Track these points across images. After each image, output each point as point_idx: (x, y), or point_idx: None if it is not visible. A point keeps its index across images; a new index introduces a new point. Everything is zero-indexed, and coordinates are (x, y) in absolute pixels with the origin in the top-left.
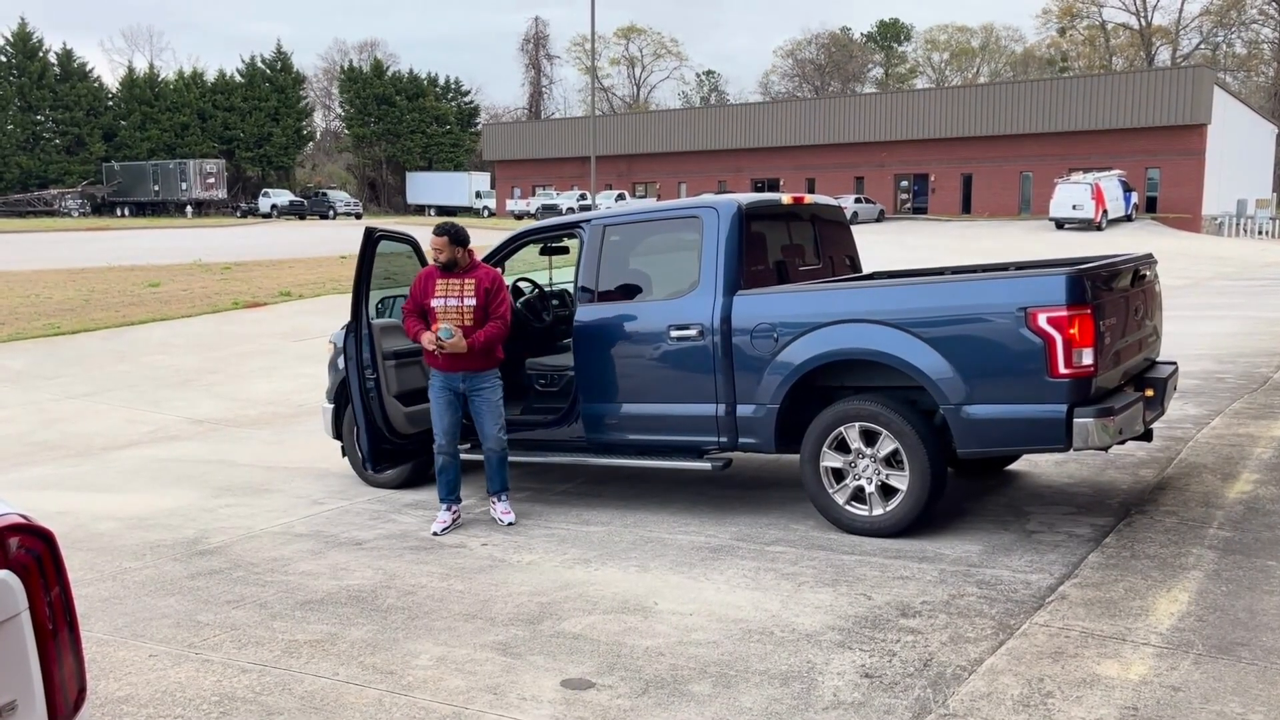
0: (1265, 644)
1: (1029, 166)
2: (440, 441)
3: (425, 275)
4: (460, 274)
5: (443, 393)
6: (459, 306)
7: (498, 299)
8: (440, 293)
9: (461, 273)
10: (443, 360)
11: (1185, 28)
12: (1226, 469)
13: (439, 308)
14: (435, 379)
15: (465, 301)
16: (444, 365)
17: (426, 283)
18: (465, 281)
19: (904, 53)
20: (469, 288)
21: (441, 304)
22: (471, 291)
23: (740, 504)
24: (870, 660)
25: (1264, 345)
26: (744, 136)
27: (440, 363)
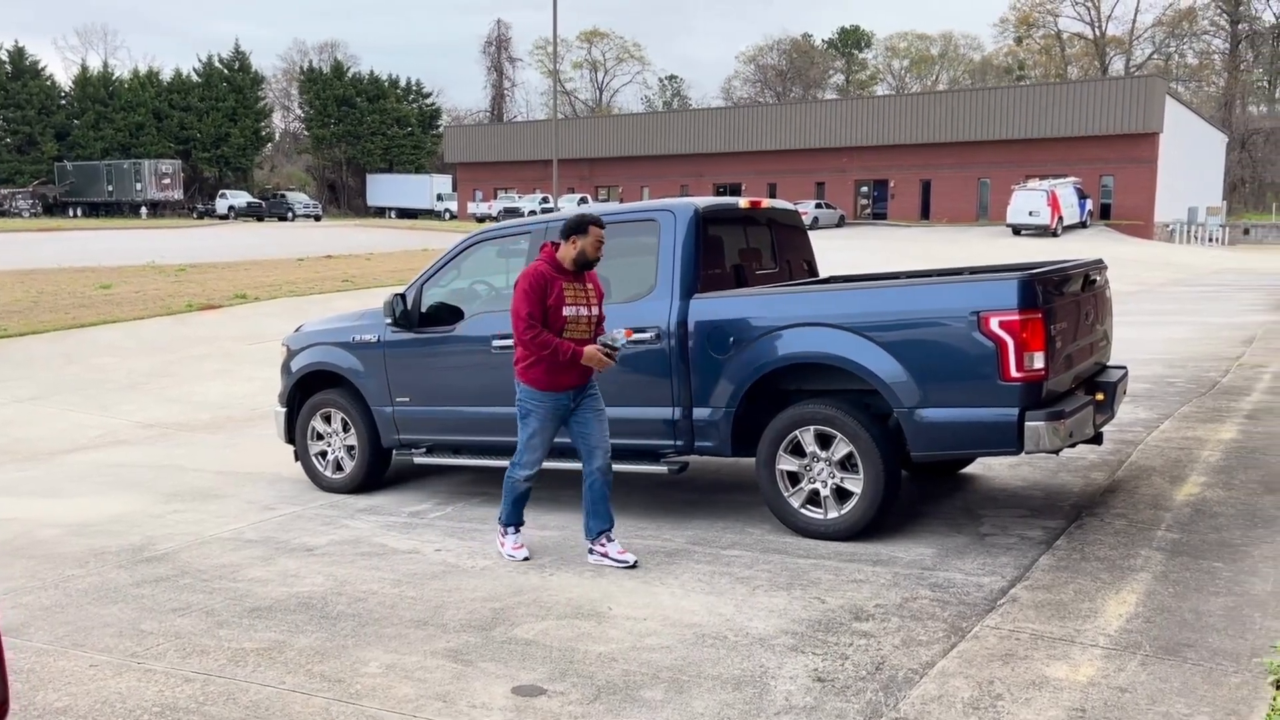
0: (1211, 645)
1: (987, 173)
2: (531, 470)
3: (544, 276)
4: (581, 277)
5: (553, 417)
6: (588, 317)
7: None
8: (571, 299)
9: (582, 276)
10: (551, 377)
11: (1138, 38)
12: (1175, 472)
13: (571, 318)
14: (542, 401)
15: (592, 310)
16: (554, 383)
17: (551, 286)
18: (588, 288)
19: (865, 59)
20: (592, 294)
21: (574, 313)
22: (594, 298)
23: (696, 508)
24: (823, 664)
25: (1213, 350)
26: (706, 141)
27: (548, 380)
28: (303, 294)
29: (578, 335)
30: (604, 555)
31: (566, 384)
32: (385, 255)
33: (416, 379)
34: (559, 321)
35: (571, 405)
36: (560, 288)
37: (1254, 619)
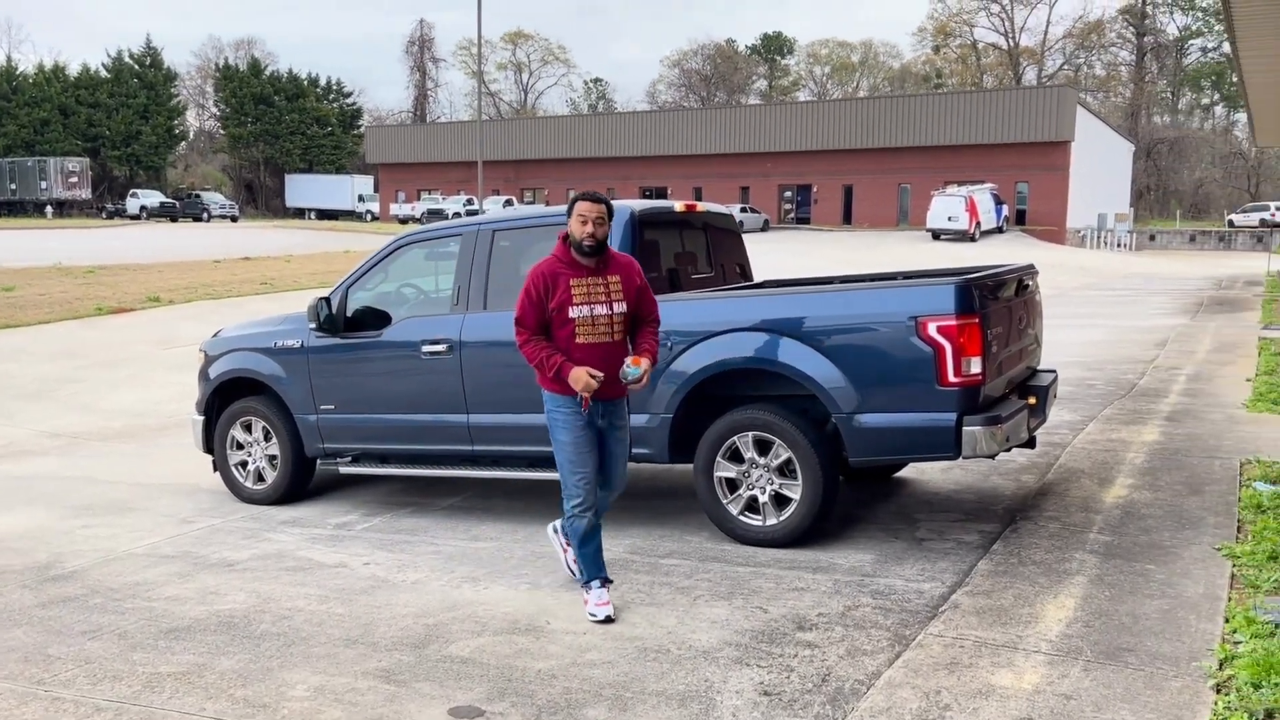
0: (1150, 649)
1: (906, 179)
2: (581, 497)
3: (548, 273)
4: (600, 268)
5: (585, 430)
6: (608, 316)
7: (648, 297)
8: (581, 297)
9: (602, 267)
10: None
11: (1050, 49)
12: (1103, 474)
13: (582, 319)
14: (564, 405)
15: (615, 308)
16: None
17: (554, 283)
18: (610, 280)
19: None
20: (615, 287)
21: (586, 313)
22: (619, 292)
23: (634, 516)
24: (768, 677)
25: (1129, 353)
26: (632, 145)
27: (566, 385)
28: (219, 297)
29: (595, 337)
30: (565, 550)
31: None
32: (305, 257)
33: (342, 386)
34: (565, 325)
35: (601, 423)
36: (567, 285)
37: (1189, 621)
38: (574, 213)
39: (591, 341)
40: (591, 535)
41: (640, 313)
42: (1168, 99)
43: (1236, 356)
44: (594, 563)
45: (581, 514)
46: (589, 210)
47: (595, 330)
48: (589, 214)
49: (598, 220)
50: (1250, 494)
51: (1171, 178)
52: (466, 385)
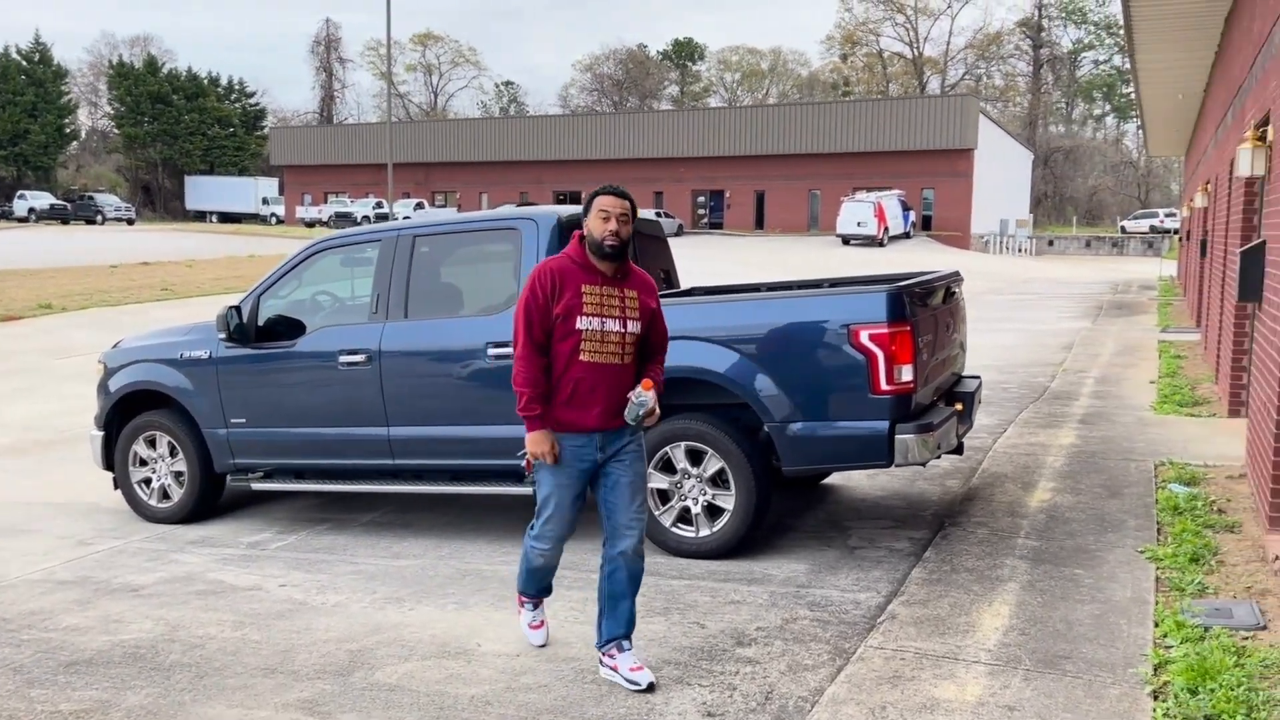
0: (1086, 655)
1: (817, 185)
2: (548, 545)
3: (558, 270)
4: (619, 278)
5: (571, 467)
6: (620, 334)
7: (661, 324)
8: (593, 307)
9: (621, 277)
10: (561, 411)
11: (952, 59)
12: (1025, 478)
13: (590, 333)
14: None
15: (629, 327)
16: (567, 420)
17: (564, 283)
18: (627, 294)
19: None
20: (632, 303)
21: (596, 326)
22: (635, 310)
23: None
24: (711, 697)
25: (1038, 356)
26: (545, 148)
27: (556, 416)
28: (116, 304)
29: (603, 357)
30: (614, 670)
31: (586, 423)
32: (208, 262)
33: (254, 398)
34: (569, 338)
35: (599, 456)
36: (578, 289)
37: (1121, 626)
38: (593, 209)
39: (598, 361)
40: (544, 571)
41: (651, 340)
42: (1063, 109)
43: (1139, 359)
44: (538, 585)
45: (540, 555)
46: (613, 205)
47: (604, 348)
48: (613, 209)
49: (622, 218)
50: (1167, 496)
51: (1067, 185)
52: (387, 397)
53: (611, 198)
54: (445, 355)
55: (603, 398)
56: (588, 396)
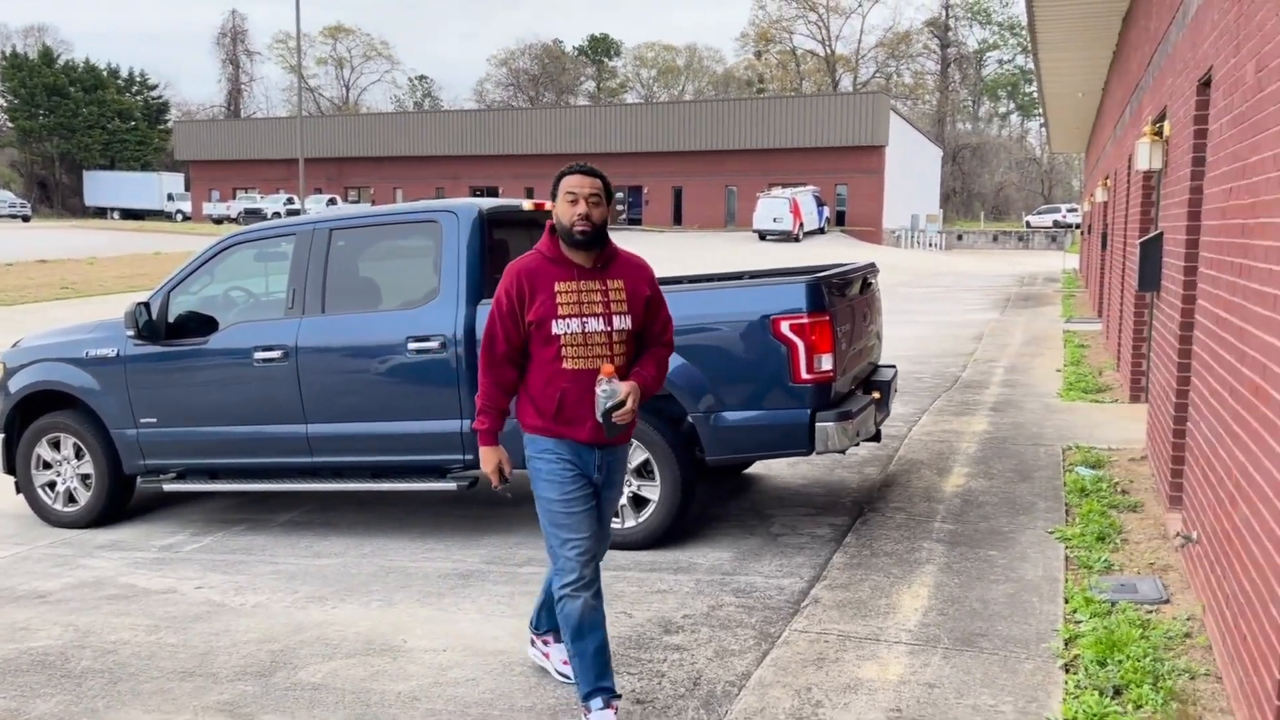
0: (1002, 633)
1: (733, 181)
2: (576, 573)
3: (527, 272)
4: (599, 268)
5: (577, 482)
6: (605, 334)
7: (662, 312)
8: (570, 307)
9: (601, 266)
10: (546, 421)
11: (863, 57)
12: (940, 464)
13: (569, 337)
14: (545, 450)
15: (615, 324)
16: (556, 427)
17: (534, 285)
18: (610, 285)
19: (614, 67)
20: (617, 295)
21: (576, 329)
22: (623, 302)
23: (487, 524)
24: (640, 684)
25: (949, 347)
26: (461, 143)
27: (544, 423)
28: (12, 303)
29: (589, 362)
30: (545, 657)
31: (581, 439)
32: (110, 259)
33: (165, 397)
34: (549, 345)
35: (597, 476)
36: (551, 289)
37: (1033, 604)
38: (560, 192)
39: (584, 368)
40: (591, 625)
41: (649, 332)
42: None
43: (1045, 349)
44: (595, 664)
45: (575, 593)
46: (580, 185)
47: (588, 352)
48: (580, 190)
49: (593, 199)
50: (1074, 478)
51: (975, 181)
52: (304, 393)
53: (579, 177)
54: (365, 351)
55: (594, 409)
56: (577, 409)
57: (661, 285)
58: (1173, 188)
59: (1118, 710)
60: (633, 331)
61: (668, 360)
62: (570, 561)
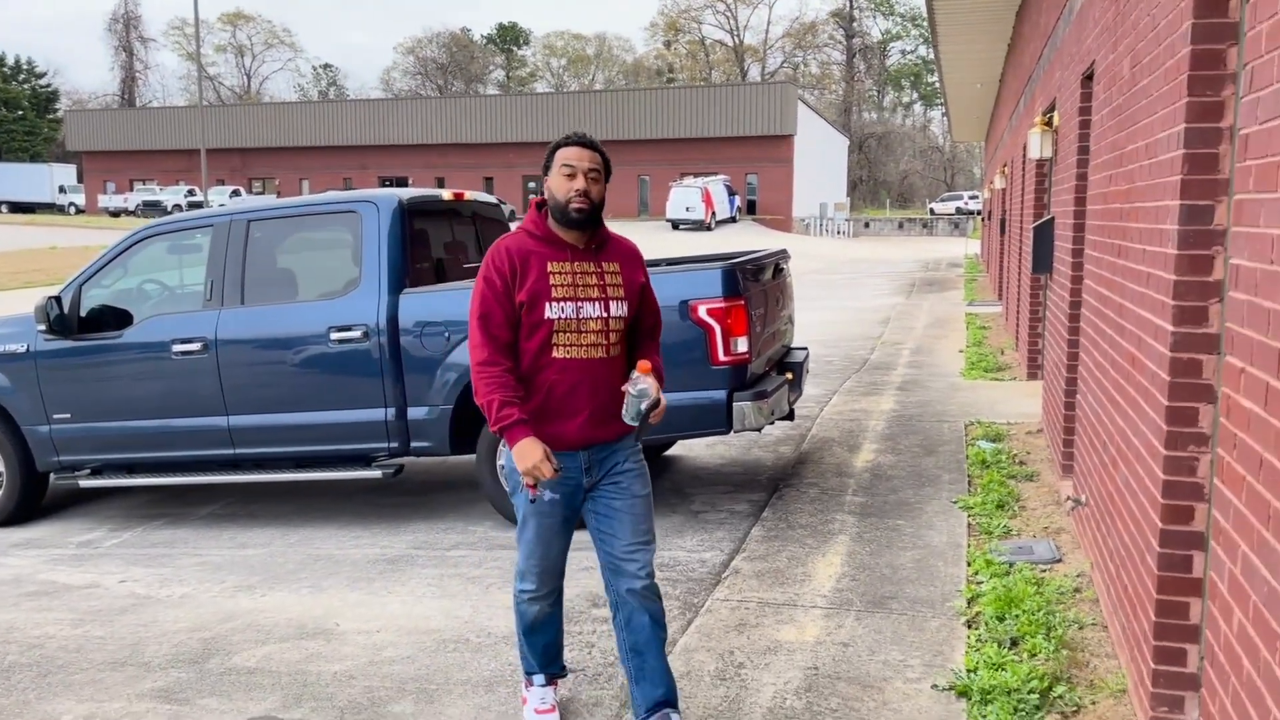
0: (910, 595)
1: (645, 170)
2: (534, 585)
3: (516, 249)
4: (595, 250)
5: (556, 490)
6: (602, 320)
7: (652, 301)
8: (564, 290)
9: (597, 247)
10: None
11: (771, 48)
12: (851, 441)
13: (563, 323)
14: None
15: (612, 310)
16: (542, 433)
17: (525, 264)
18: (606, 268)
19: (524, 56)
20: (614, 279)
21: (570, 314)
22: (619, 287)
23: (413, 511)
24: (571, 655)
25: (858, 331)
26: (369, 133)
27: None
28: None
29: (581, 351)
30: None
31: (566, 436)
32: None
33: (79, 392)
34: (538, 331)
35: (585, 480)
36: (543, 269)
37: (938, 568)
38: (554, 165)
39: (575, 357)
40: (543, 625)
41: (643, 323)
42: (875, 97)
43: (948, 331)
44: (543, 655)
45: (531, 601)
46: (579, 158)
47: (581, 341)
48: (579, 163)
49: (592, 174)
50: (976, 451)
51: (880, 169)
52: (225, 385)
53: (577, 149)
54: (287, 341)
55: (586, 402)
56: (566, 402)
57: None
58: (1062, 175)
59: (1014, 659)
60: (628, 320)
61: (659, 349)
62: (531, 576)
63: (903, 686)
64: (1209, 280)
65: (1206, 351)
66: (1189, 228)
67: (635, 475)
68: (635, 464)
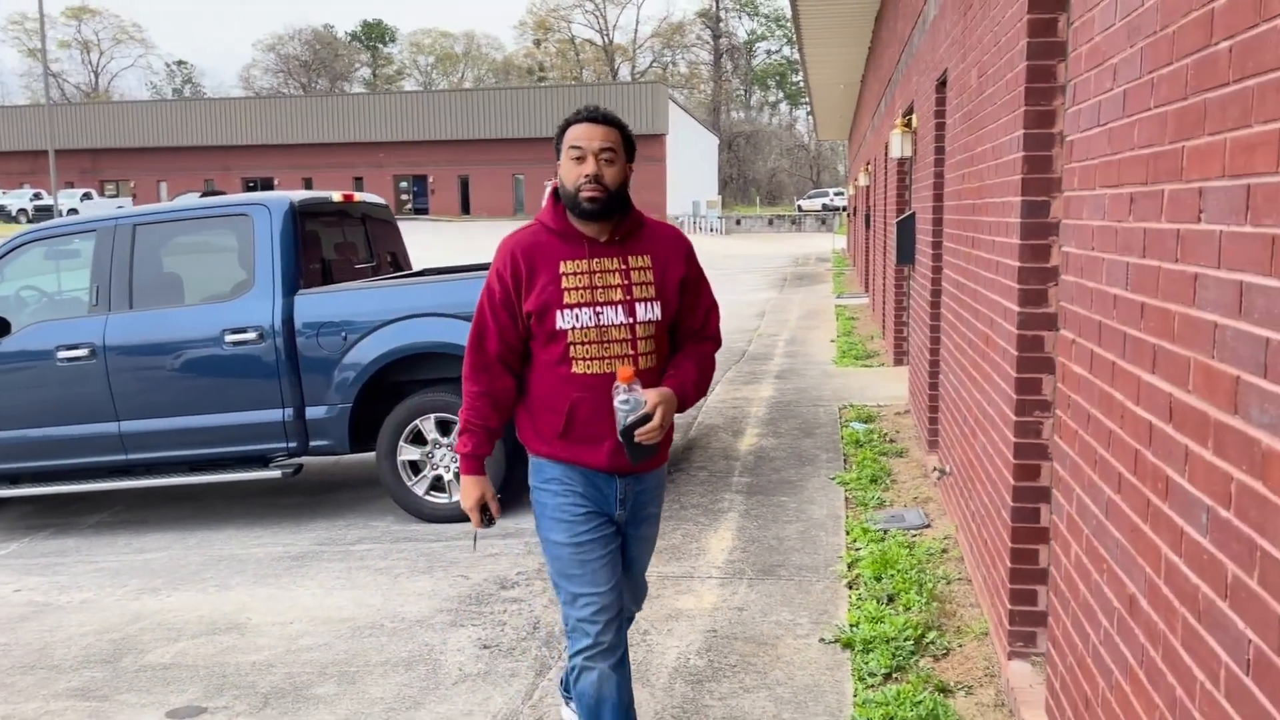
0: (795, 563)
1: (520, 169)
2: (590, 637)
3: (525, 247)
4: (617, 241)
5: (589, 516)
6: (626, 326)
7: (701, 294)
8: (578, 293)
9: (620, 238)
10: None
11: (640, 47)
12: (735, 427)
13: (580, 333)
14: (561, 482)
15: (640, 314)
16: (566, 450)
17: (535, 265)
18: (633, 262)
19: (390, 54)
20: (642, 275)
21: (588, 321)
22: (649, 284)
23: (312, 509)
24: (485, 633)
25: (735, 324)
26: (231, 133)
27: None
28: None
29: (604, 366)
30: None
31: (596, 465)
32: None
33: None
34: (553, 343)
35: (619, 508)
36: (555, 271)
37: (820, 538)
38: (564, 145)
39: (598, 372)
40: (613, 701)
41: (684, 325)
42: (742, 96)
43: (820, 322)
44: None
45: (590, 663)
46: (589, 137)
47: (605, 352)
48: (588, 143)
49: (605, 155)
50: (849, 432)
51: (750, 168)
52: (115, 391)
53: (586, 126)
54: (180, 344)
55: (613, 426)
56: (591, 426)
57: (474, 271)
58: (921, 173)
59: (891, 613)
60: (663, 323)
61: (713, 359)
62: (584, 624)
63: (794, 642)
64: (1047, 266)
65: (1047, 329)
66: (1030, 221)
67: (654, 522)
68: (658, 509)
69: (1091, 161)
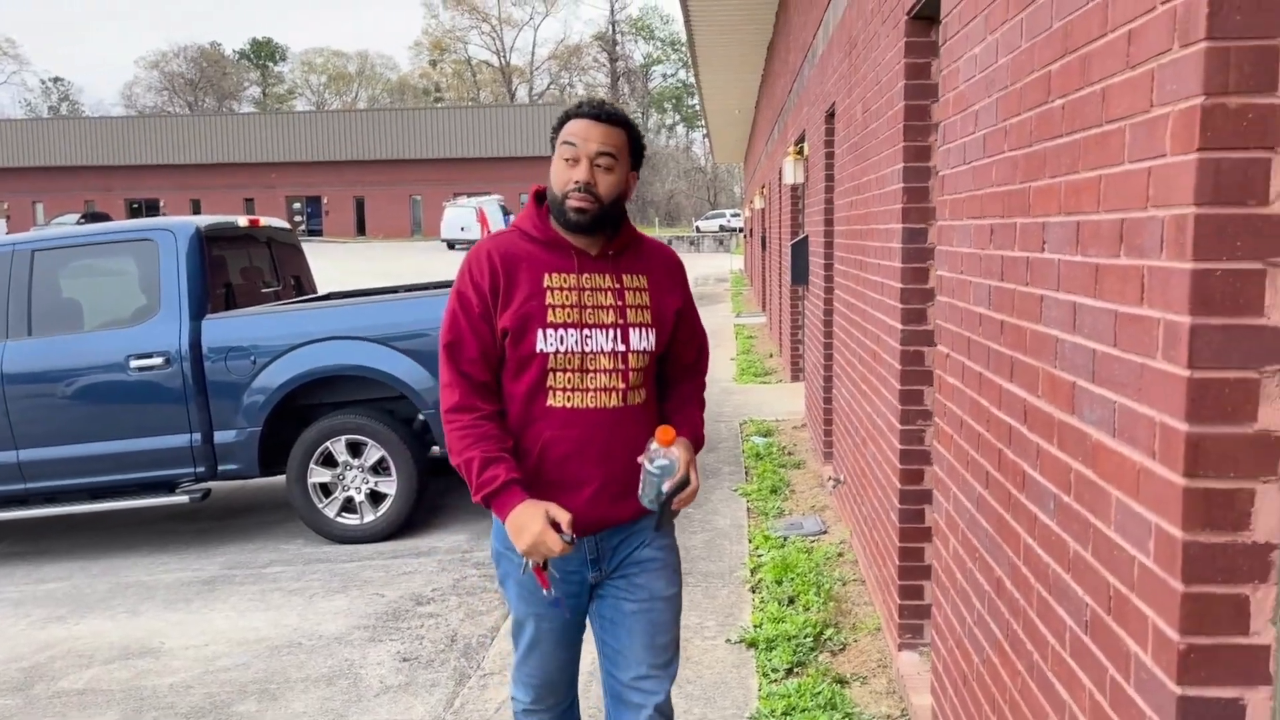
0: (702, 570)
1: (418, 190)
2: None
3: (499, 254)
4: (609, 254)
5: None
6: (615, 355)
7: (695, 325)
8: (564, 311)
9: (612, 251)
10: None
11: (537, 69)
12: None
13: (561, 358)
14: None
15: (632, 341)
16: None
17: (513, 273)
18: (628, 280)
19: (280, 73)
20: (637, 296)
21: (573, 345)
22: (644, 306)
23: (221, 534)
24: (403, 646)
25: None
26: (113, 153)
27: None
28: None
29: (585, 400)
30: None
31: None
32: None
33: None
34: (527, 369)
35: (591, 574)
36: (538, 281)
37: (724, 547)
38: (559, 141)
39: (579, 406)
40: None
41: (676, 358)
42: (639, 118)
43: (720, 341)
44: None
45: (525, 714)
46: (584, 135)
47: (588, 383)
48: (584, 143)
49: (603, 159)
50: (750, 446)
51: (648, 189)
52: (14, 418)
53: (585, 123)
54: (82, 371)
55: (595, 469)
56: (565, 469)
57: (381, 294)
58: (813, 199)
59: (792, 613)
60: (655, 354)
61: (703, 389)
62: (522, 683)
63: (702, 644)
64: (925, 287)
65: (926, 344)
66: (909, 246)
67: (658, 568)
68: (660, 550)
69: (959, 195)
